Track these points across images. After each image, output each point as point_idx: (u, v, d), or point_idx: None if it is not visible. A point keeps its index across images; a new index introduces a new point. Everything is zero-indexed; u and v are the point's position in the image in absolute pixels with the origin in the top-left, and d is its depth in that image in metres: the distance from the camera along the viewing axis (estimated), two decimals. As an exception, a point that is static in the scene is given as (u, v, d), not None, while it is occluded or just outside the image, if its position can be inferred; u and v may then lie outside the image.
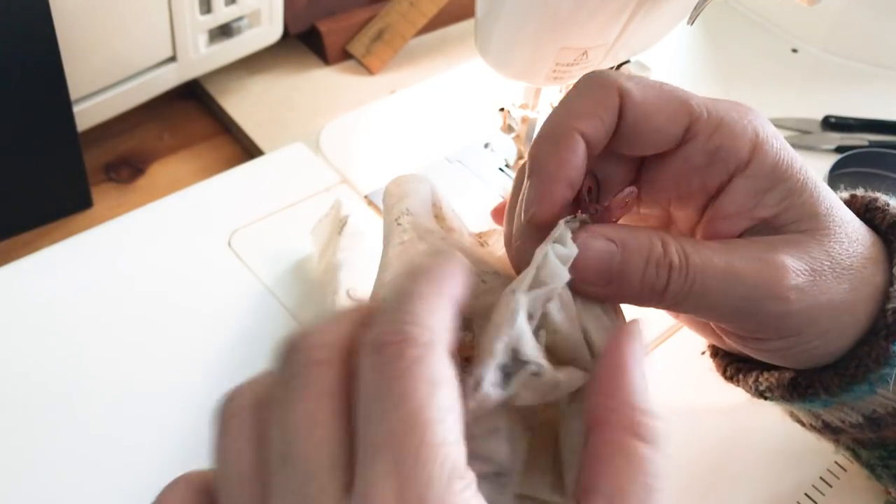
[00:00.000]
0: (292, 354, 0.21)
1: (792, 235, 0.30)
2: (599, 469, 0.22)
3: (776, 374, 0.33)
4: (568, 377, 0.24)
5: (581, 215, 0.29)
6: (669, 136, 0.30)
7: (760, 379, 0.34)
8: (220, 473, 0.22)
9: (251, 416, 0.22)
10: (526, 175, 0.30)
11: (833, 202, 0.31)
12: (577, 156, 0.29)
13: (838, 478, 0.41)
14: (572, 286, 0.26)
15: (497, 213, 0.39)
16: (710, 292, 0.28)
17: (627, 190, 0.31)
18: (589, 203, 0.30)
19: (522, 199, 0.30)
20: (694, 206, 0.32)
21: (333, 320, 0.22)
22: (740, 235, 0.31)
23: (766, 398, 0.35)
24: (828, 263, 0.30)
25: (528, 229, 0.29)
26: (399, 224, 0.32)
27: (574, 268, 0.27)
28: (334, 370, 0.21)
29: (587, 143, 0.29)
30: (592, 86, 0.30)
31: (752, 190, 0.30)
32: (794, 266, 0.29)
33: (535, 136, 0.31)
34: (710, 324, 0.34)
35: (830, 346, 0.31)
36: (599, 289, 0.28)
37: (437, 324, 0.21)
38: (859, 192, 0.34)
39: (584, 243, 0.28)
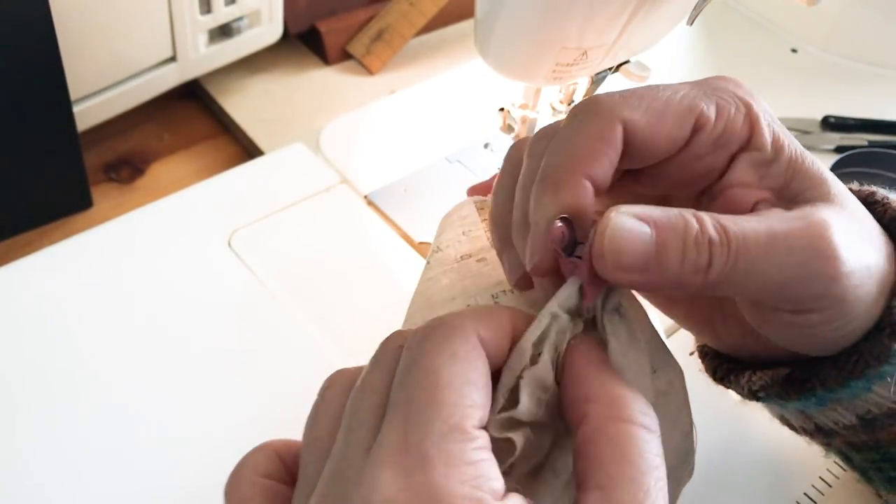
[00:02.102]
0: (378, 348, 0.26)
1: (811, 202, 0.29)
2: (588, 461, 0.22)
3: (770, 372, 0.32)
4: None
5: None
6: (678, 141, 0.29)
7: (753, 378, 0.33)
8: (306, 433, 0.25)
9: (345, 390, 0.25)
10: (531, 219, 0.28)
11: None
12: (584, 201, 0.27)
13: (838, 477, 0.41)
14: (603, 275, 0.25)
15: (473, 192, 0.38)
16: (756, 263, 0.26)
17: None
18: (566, 259, 0.26)
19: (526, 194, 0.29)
20: (696, 188, 0.31)
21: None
22: (754, 208, 0.29)
23: (758, 399, 0.33)
24: (855, 225, 0.28)
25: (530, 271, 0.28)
26: (428, 263, 0.35)
27: (602, 257, 0.25)
28: (398, 353, 0.24)
29: (594, 185, 0.27)
30: (592, 120, 0.28)
31: (757, 161, 0.29)
32: (838, 222, 0.27)
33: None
34: (716, 314, 0.33)
35: (856, 324, 0.29)
36: (637, 276, 0.25)
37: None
38: (854, 185, 0.33)
39: (614, 226, 0.25)
